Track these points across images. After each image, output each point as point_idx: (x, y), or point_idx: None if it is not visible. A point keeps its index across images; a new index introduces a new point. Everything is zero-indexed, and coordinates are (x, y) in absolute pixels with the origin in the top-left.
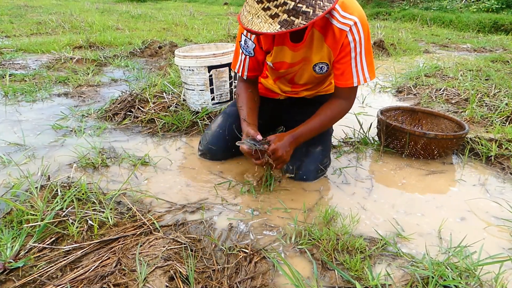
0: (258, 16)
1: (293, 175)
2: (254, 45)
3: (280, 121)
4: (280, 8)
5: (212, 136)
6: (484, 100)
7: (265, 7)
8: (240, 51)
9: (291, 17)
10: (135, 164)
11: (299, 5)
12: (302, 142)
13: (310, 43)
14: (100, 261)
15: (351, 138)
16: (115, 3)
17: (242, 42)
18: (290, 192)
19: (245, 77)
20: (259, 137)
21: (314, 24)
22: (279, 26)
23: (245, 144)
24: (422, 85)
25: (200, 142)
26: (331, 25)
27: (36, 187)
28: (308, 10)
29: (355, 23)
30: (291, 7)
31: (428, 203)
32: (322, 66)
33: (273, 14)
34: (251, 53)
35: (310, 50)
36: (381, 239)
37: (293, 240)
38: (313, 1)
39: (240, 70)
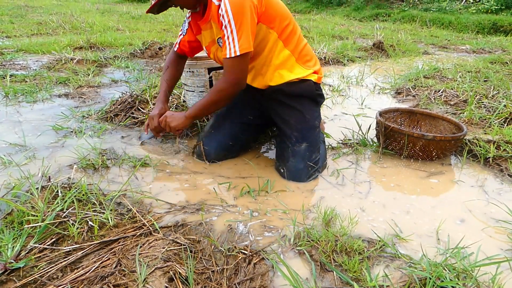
0: None
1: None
2: (187, 27)
3: (269, 118)
4: None
5: (205, 137)
6: (482, 102)
7: None
8: (180, 31)
9: None
10: (135, 165)
11: None
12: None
13: (209, 23)
14: (100, 261)
15: (350, 139)
16: (116, 4)
17: (184, 23)
18: (289, 194)
19: (175, 49)
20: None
21: (208, 4)
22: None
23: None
24: (421, 86)
25: (195, 144)
26: (211, 2)
27: (37, 188)
28: None
29: None
30: None
31: (426, 205)
32: (220, 43)
33: None
34: (184, 32)
35: (212, 30)
36: (380, 241)
37: (292, 241)
38: None
39: (175, 43)
